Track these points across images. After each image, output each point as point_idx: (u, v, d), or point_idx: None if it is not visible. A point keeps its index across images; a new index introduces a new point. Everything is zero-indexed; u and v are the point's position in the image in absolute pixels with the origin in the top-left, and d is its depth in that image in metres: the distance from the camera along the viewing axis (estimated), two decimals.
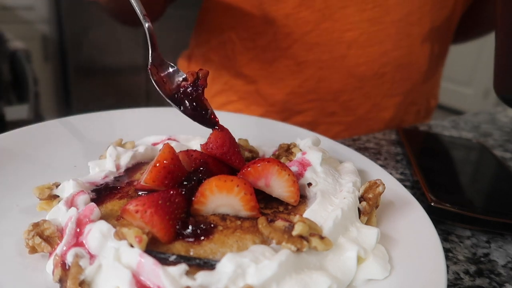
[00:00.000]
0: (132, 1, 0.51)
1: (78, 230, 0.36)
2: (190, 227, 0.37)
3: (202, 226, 0.37)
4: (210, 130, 0.48)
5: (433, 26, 0.86)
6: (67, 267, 0.34)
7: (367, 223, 0.43)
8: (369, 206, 0.43)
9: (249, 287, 0.32)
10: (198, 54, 0.98)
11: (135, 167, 0.49)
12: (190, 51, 1.03)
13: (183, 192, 0.39)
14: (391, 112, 0.93)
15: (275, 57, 0.85)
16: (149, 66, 0.49)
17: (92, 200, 0.41)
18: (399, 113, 0.94)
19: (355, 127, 0.92)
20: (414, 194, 0.50)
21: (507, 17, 0.42)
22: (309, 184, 0.45)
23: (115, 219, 0.39)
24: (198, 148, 0.51)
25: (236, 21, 0.87)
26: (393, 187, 0.50)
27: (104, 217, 0.38)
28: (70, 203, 0.40)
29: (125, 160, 0.49)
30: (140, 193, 0.43)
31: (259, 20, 0.84)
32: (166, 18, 0.98)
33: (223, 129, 0.47)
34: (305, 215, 0.40)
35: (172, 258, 0.34)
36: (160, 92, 0.48)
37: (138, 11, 0.51)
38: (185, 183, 0.41)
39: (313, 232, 0.36)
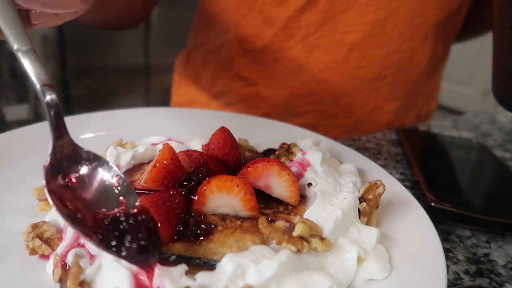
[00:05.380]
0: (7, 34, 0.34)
1: None
2: (190, 227, 0.37)
3: (202, 226, 0.37)
4: (210, 131, 0.48)
5: (438, 28, 0.85)
6: (67, 267, 0.34)
7: (367, 223, 0.43)
8: (369, 207, 0.43)
9: (248, 287, 0.32)
10: (196, 56, 0.98)
11: (135, 167, 0.49)
12: (188, 52, 1.03)
13: (183, 192, 0.39)
14: (391, 115, 0.93)
15: (275, 59, 0.85)
16: (46, 163, 0.33)
17: None
18: (399, 116, 0.94)
19: (355, 130, 0.91)
20: (414, 194, 0.50)
21: (503, 18, 0.42)
22: (309, 184, 0.45)
23: None
24: (198, 148, 0.51)
25: (234, 23, 0.86)
26: (393, 187, 0.50)
27: None
28: None
29: (125, 160, 0.49)
30: (140, 193, 0.43)
31: (259, 22, 0.83)
32: (163, 18, 0.98)
33: (225, 130, 0.47)
34: (306, 215, 0.40)
35: (172, 258, 0.34)
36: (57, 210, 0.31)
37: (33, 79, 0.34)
38: (185, 183, 0.41)
39: (314, 233, 0.36)
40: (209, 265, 0.34)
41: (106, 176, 0.35)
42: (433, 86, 1.01)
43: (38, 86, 0.34)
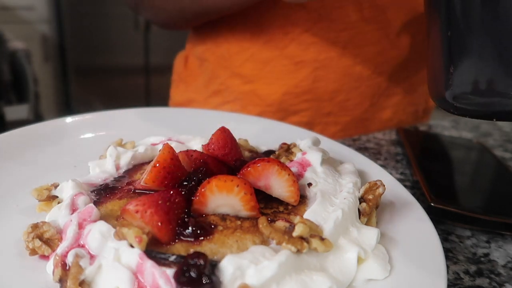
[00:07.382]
0: None
1: (78, 231, 0.36)
2: (190, 227, 0.37)
3: (202, 226, 0.37)
4: (210, 131, 0.48)
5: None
6: (67, 267, 0.34)
7: (367, 223, 0.43)
8: (369, 207, 0.43)
9: (244, 285, 0.32)
10: (194, 55, 0.98)
11: (135, 167, 0.49)
12: (186, 51, 1.03)
13: (183, 192, 0.39)
14: (388, 112, 0.93)
15: (272, 57, 0.85)
16: None
17: (92, 200, 0.41)
18: (397, 113, 0.94)
19: (352, 128, 0.91)
20: (414, 194, 0.50)
21: (430, 21, 0.39)
22: (309, 184, 0.45)
23: (115, 219, 0.39)
24: (198, 148, 0.51)
25: (231, 22, 0.86)
26: (393, 187, 0.50)
27: (104, 217, 0.38)
28: (72, 206, 0.40)
29: (125, 160, 0.49)
30: (140, 193, 0.43)
31: (255, 20, 0.83)
32: None
33: (225, 130, 0.47)
34: (306, 215, 0.40)
35: (172, 258, 0.34)
36: None
37: None
38: (185, 183, 0.41)
39: (314, 233, 0.36)
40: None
41: None
42: None
43: None
